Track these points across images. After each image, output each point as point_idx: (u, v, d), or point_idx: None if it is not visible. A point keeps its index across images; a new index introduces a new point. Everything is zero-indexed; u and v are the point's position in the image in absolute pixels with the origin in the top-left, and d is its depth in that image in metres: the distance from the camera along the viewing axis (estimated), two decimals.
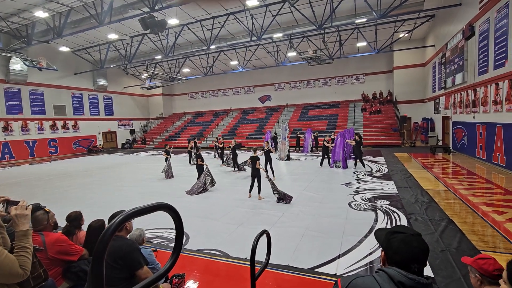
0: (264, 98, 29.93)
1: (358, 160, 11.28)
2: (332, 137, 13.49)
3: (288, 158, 14.25)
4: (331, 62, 20.81)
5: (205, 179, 8.32)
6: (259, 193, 7.27)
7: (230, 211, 6.47)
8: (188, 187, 8.95)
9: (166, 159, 11.39)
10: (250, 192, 7.51)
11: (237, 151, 12.09)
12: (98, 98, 27.13)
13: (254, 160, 7.31)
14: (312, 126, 22.64)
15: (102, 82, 26.84)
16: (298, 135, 18.31)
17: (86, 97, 25.94)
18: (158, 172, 12.23)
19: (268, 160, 9.79)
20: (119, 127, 29.40)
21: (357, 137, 11.05)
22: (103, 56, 21.06)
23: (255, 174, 7.30)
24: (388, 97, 23.92)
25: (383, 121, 21.54)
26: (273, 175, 9.62)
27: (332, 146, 11.83)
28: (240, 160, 11.65)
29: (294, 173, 10.88)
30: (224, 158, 12.62)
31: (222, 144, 14.11)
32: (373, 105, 23.35)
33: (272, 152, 9.89)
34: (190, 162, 14.22)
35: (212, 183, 8.40)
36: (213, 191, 8.40)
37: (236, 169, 11.56)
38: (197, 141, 16.94)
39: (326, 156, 11.86)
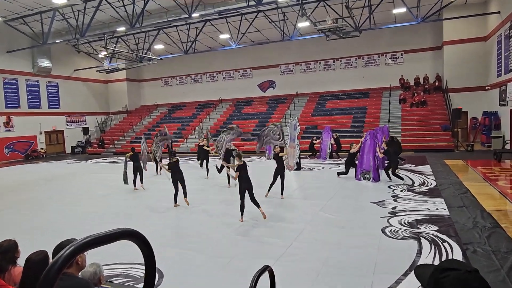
0: (266, 84, 30.03)
1: (392, 171, 11.27)
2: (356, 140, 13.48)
3: (298, 167, 14.35)
4: (358, 35, 20.91)
5: None
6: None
7: (218, 238, 6.50)
8: (166, 205, 8.94)
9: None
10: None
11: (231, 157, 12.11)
12: (40, 85, 27.20)
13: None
14: (331, 123, 22.69)
15: (45, 63, 26.91)
16: (313, 141, 18.40)
17: (23, 83, 26.00)
18: (121, 185, 12.26)
19: (280, 170, 9.49)
20: (67, 125, 29.44)
21: (385, 146, 11.27)
22: (46, 27, 21.12)
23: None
24: (436, 83, 24.00)
25: (429, 116, 21.64)
26: (282, 193, 9.60)
27: (354, 149, 11.83)
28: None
29: (306, 187, 10.91)
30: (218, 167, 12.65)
31: (204, 145, 14.42)
32: (416, 94, 23.43)
33: (284, 159, 9.83)
34: (157, 172, 14.75)
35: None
36: (197, 211, 8.41)
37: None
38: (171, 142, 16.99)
39: (351, 165, 11.93)
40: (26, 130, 25.79)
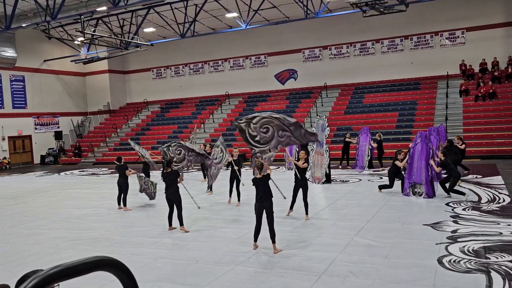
0: (285, 75, 30.09)
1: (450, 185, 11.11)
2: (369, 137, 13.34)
3: (328, 180, 14.31)
4: (404, 9, 20.76)
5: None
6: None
7: (226, 271, 6.48)
8: (156, 229, 9.01)
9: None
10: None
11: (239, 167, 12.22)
12: (2, 80, 27.95)
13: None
14: (370, 123, 22.56)
15: (8, 52, 27.63)
16: (347, 139, 18.27)
17: None
18: (101, 203, 12.38)
19: (303, 183, 9.51)
20: (36, 129, 30.12)
21: (442, 156, 11.14)
22: (9, 8, 21.71)
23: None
24: (509, 70, 23.59)
25: (500, 112, 21.34)
26: (306, 213, 9.55)
27: (403, 158, 11.71)
28: (244, 192, 11.67)
29: (338, 205, 10.84)
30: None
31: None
32: (482, 83, 23.08)
33: (307, 168, 9.83)
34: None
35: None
36: (198, 237, 8.43)
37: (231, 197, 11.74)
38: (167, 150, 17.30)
39: (397, 176, 11.82)
40: None
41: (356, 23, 26.00)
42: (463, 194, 10.64)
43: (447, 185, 11.03)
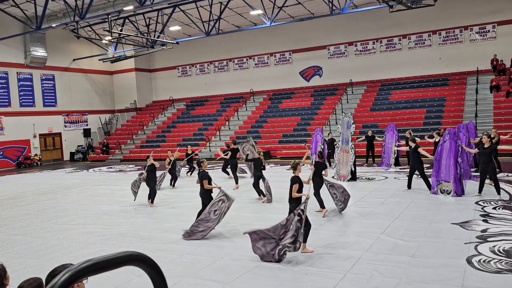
0: (310, 72, 29.93)
1: (489, 182, 10.90)
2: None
3: (353, 177, 14.25)
4: (432, 4, 20.36)
5: (216, 209, 8.23)
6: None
7: (251, 268, 6.51)
8: (183, 226, 9.10)
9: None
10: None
11: (264, 164, 12.30)
12: (33, 79, 28.75)
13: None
14: (397, 120, 22.30)
15: (39, 52, 28.43)
16: (368, 136, 18.09)
17: (14, 77, 27.61)
18: (128, 199, 12.58)
19: (317, 183, 9.59)
20: (66, 126, 30.90)
21: (485, 138, 10.73)
22: (40, 9, 22.28)
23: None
24: None
25: None
26: (323, 207, 9.56)
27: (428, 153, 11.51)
28: (273, 190, 11.72)
29: (364, 203, 10.76)
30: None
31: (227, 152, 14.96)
32: None
33: (325, 167, 9.80)
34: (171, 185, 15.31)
35: (229, 201, 8.35)
36: (224, 234, 8.47)
37: (262, 196, 11.74)
38: (190, 149, 17.81)
39: (419, 173, 11.65)
40: (17, 133, 27.33)
41: (383, 18, 25.64)
42: (498, 192, 10.43)
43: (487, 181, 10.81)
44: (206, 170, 9.05)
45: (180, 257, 7.26)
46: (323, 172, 9.59)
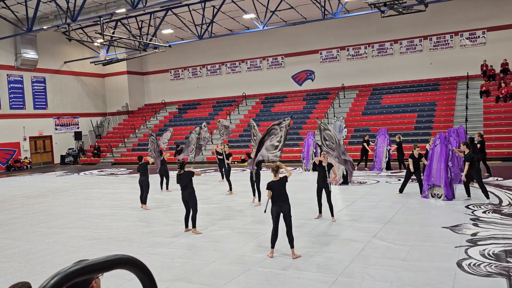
0: (303, 76, 30.02)
1: (476, 185, 10.98)
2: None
3: (345, 181, 14.30)
4: (423, 9, 20.49)
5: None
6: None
7: (242, 271, 6.49)
8: (174, 229, 9.05)
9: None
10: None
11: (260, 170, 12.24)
12: (24, 81, 28.53)
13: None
14: (389, 124, 22.36)
15: (30, 54, 28.23)
16: (365, 140, 18.14)
17: (4, 79, 27.39)
18: (119, 203, 12.51)
19: (326, 185, 9.47)
20: (56, 129, 30.64)
21: (463, 147, 10.90)
22: (31, 11, 22.16)
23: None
24: None
25: None
26: (332, 215, 9.46)
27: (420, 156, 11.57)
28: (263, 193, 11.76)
29: (356, 207, 10.78)
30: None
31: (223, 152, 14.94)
32: (503, 84, 22.67)
33: (331, 167, 9.79)
34: (162, 187, 15.26)
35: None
36: (214, 238, 8.46)
37: (255, 197, 11.79)
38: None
39: (415, 175, 11.69)
40: (7, 135, 27.08)
41: (374, 23, 25.80)
42: (487, 196, 10.47)
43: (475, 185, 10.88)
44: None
45: (172, 261, 7.23)
46: (331, 173, 9.60)
